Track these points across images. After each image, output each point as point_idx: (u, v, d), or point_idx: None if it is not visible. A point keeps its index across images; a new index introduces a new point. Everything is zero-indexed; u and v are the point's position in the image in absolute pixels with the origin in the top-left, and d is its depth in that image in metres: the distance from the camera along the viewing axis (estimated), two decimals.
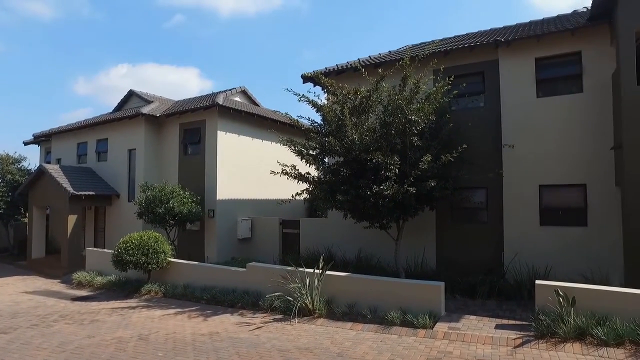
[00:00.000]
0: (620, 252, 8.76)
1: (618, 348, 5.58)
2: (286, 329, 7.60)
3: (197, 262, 11.45)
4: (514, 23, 12.66)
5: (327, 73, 12.16)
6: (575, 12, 11.81)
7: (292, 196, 10.22)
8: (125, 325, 8.19)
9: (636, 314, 5.78)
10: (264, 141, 16.60)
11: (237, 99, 17.70)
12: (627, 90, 8.29)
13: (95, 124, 17.47)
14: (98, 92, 77.49)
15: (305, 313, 8.18)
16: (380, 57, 12.61)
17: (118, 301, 10.35)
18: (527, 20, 12.87)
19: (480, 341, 6.43)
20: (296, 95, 10.12)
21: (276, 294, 8.53)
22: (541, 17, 12.35)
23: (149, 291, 10.67)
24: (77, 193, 14.95)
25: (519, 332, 6.57)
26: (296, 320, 7.95)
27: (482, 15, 75.59)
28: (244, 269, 9.96)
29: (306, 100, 10.13)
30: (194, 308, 9.31)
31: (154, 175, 15.73)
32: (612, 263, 8.99)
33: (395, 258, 10.21)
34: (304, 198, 10.62)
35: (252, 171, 15.88)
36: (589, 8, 9.96)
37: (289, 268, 8.98)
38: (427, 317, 7.17)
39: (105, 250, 13.61)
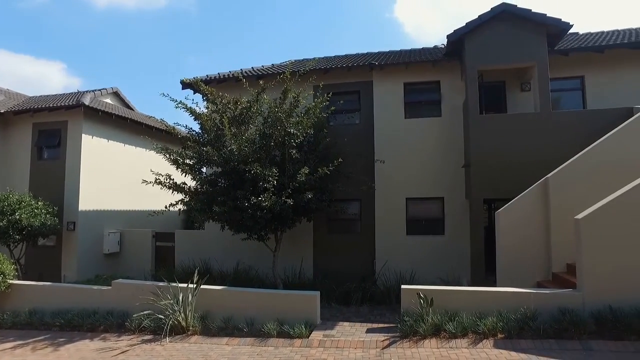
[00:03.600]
0: (468, 256, 10.08)
1: (463, 339, 6.34)
2: (156, 350, 7.01)
3: (49, 283, 9.96)
4: (388, 49, 13.93)
5: (208, 81, 11.87)
6: (436, 47, 13.45)
7: (166, 207, 9.63)
8: None
9: (477, 308, 6.67)
10: (138, 148, 15.39)
11: (108, 100, 16.15)
12: (472, 118, 9.68)
13: None
14: None
15: (178, 331, 7.66)
16: (262, 69, 12.73)
17: None
18: (399, 48, 14.26)
19: (352, 346, 6.72)
20: (173, 101, 9.65)
21: (146, 312, 7.84)
22: (411, 47, 13.83)
23: None
24: None
25: (387, 334, 7.03)
26: (168, 340, 7.40)
27: (363, 39, 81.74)
28: (109, 287, 8.98)
29: (184, 107, 9.73)
30: (41, 337, 8.00)
31: None
32: (463, 266, 10.27)
33: (273, 269, 10.24)
34: (180, 209, 10.08)
35: (123, 180, 14.57)
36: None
37: (161, 284, 8.38)
38: (303, 326, 7.27)
39: None
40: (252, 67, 13.18)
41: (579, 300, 6.25)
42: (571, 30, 10.25)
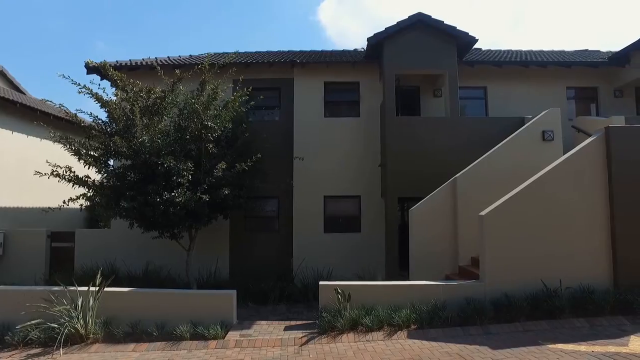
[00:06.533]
0: (384, 253, 10.49)
1: (379, 331, 6.56)
2: None
3: None
4: (310, 49, 14.06)
5: (119, 67, 10.95)
6: (356, 50, 13.89)
7: (65, 202, 8.66)
8: None
9: (392, 301, 6.94)
10: (30, 137, 13.69)
11: None
12: (388, 119, 10.11)
13: None
14: None
15: (76, 340, 6.86)
16: (179, 60, 12.12)
17: None
18: (321, 49, 14.47)
19: (270, 345, 6.60)
20: (76, 84, 8.73)
21: (34, 321, 6.89)
22: (332, 49, 14.13)
23: None
24: None
25: (305, 331, 7.02)
26: (62, 351, 6.58)
27: (285, 40, 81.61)
28: None
29: (88, 93, 8.85)
30: None
31: None
32: (378, 262, 10.65)
33: (186, 269, 9.73)
34: (82, 205, 9.14)
35: (11, 172, 12.85)
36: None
37: (56, 288, 7.46)
38: (218, 327, 6.99)
39: None
40: (168, 57, 12.48)
41: (481, 289, 6.79)
42: (476, 46, 11.22)
